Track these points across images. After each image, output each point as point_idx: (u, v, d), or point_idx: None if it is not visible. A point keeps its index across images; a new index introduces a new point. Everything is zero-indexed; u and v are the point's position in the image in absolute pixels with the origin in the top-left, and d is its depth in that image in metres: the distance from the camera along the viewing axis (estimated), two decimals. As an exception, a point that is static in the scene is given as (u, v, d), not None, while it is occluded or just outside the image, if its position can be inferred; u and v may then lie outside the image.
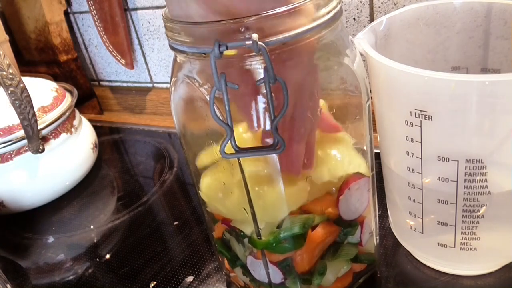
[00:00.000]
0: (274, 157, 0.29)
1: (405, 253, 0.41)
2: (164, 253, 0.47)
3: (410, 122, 0.31)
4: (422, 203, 0.35)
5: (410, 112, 0.31)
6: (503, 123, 0.30)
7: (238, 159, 0.29)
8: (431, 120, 0.30)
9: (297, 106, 0.27)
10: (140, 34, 0.76)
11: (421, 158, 0.33)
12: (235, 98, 0.27)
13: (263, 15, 0.25)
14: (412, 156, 0.33)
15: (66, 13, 0.81)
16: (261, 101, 0.27)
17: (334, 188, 0.33)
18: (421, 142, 0.32)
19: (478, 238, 0.34)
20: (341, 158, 0.33)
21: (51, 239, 0.53)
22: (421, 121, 0.31)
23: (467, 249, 0.35)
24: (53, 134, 0.57)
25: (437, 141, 0.32)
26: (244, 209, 0.31)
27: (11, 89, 0.49)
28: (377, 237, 0.38)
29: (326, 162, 0.32)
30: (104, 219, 0.55)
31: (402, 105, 0.32)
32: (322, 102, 0.31)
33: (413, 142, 0.32)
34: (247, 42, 0.24)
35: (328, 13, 0.28)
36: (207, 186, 0.34)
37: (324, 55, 0.29)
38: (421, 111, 0.30)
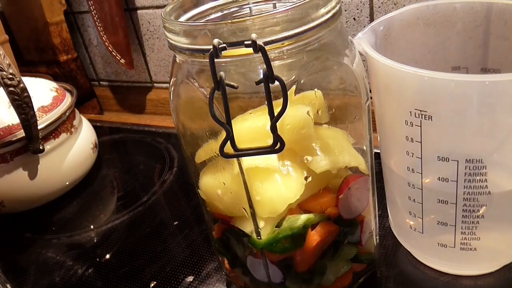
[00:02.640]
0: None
1: (405, 253, 0.41)
2: (164, 253, 0.47)
3: (410, 122, 0.31)
4: (422, 203, 0.35)
5: (410, 112, 0.31)
6: (503, 123, 0.30)
7: (238, 159, 0.29)
8: (431, 120, 0.30)
9: None
10: (140, 34, 0.76)
11: (421, 158, 0.33)
12: None
13: (262, 15, 0.25)
14: (412, 156, 0.33)
15: (66, 13, 0.81)
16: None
17: (333, 186, 0.33)
18: (421, 142, 0.32)
19: (478, 238, 0.34)
20: (341, 149, 0.33)
21: (51, 239, 0.53)
22: (421, 121, 0.31)
23: (467, 249, 0.35)
24: (53, 134, 0.57)
25: (437, 141, 0.32)
26: (244, 209, 0.31)
27: (11, 89, 0.49)
28: (377, 237, 0.38)
29: (326, 150, 0.32)
30: (104, 219, 0.55)
31: (402, 105, 0.32)
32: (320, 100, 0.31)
33: (413, 142, 0.32)
34: (246, 42, 0.24)
35: (327, 13, 0.28)
36: (206, 184, 0.34)
37: (324, 55, 0.29)
38: (421, 111, 0.30)
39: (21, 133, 0.53)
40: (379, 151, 0.39)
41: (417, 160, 0.33)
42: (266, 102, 0.25)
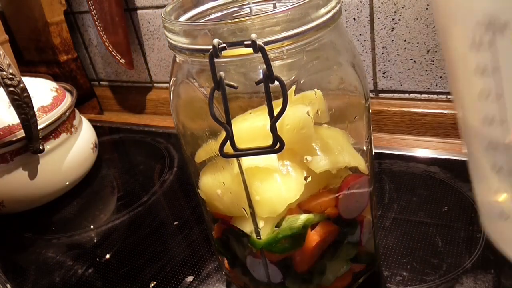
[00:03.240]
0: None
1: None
2: (164, 253, 0.47)
3: (477, 41, 0.20)
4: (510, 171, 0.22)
5: (476, 26, 0.19)
6: None
7: (237, 159, 0.29)
8: (503, 34, 0.19)
9: None
10: (140, 34, 0.76)
11: (501, 100, 0.21)
12: None
13: (262, 15, 0.25)
14: (488, 99, 0.21)
15: (66, 13, 0.81)
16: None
17: (332, 186, 0.33)
18: (495, 74, 0.20)
19: None
20: (341, 149, 0.33)
21: (51, 239, 0.53)
22: (491, 39, 0.19)
23: None
24: (53, 134, 0.57)
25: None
26: (243, 208, 0.31)
27: (11, 89, 0.49)
28: (377, 237, 0.38)
29: (325, 150, 0.32)
30: (104, 219, 0.55)
31: (464, 21, 0.20)
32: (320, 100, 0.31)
33: (484, 75, 0.20)
34: (246, 42, 0.24)
35: (327, 13, 0.28)
36: (205, 184, 0.34)
37: (324, 55, 0.29)
38: (488, 23, 0.19)
39: (21, 133, 0.53)
40: (379, 151, 0.38)
41: (494, 105, 0.21)
42: (266, 102, 0.26)
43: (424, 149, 0.55)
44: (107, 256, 0.49)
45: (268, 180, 0.31)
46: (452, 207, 0.45)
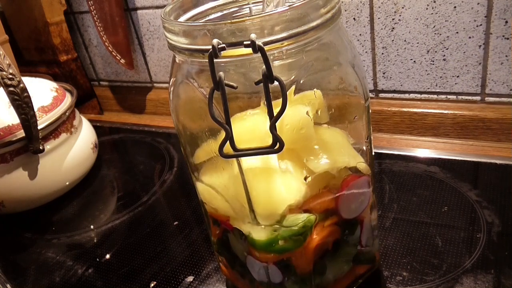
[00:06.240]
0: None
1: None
2: (164, 253, 0.47)
3: None
4: None
5: None
6: None
7: (237, 159, 0.29)
8: None
9: None
10: (140, 34, 0.76)
11: None
12: None
13: (262, 15, 0.25)
14: None
15: (66, 13, 0.81)
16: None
17: (332, 186, 0.33)
18: None
19: None
20: (341, 149, 0.33)
21: (51, 239, 0.53)
22: None
23: None
24: (53, 134, 0.57)
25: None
26: (243, 209, 0.31)
27: (11, 89, 0.49)
28: (377, 237, 0.38)
29: (325, 150, 0.32)
30: (104, 219, 0.55)
31: None
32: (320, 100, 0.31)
33: None
34: (245, 42, 0.24)
35: (326, 13, 0.28)
36: (205, 184, 0.34)
37: (323, 55, 0.29)
38: None
39: (21, 133, 0.53)
40: (379, 151, 0.38)
41: None
42: (265, 102, 0.25)
43: (424, 149, 0.55)
44: (107, 256, 0.49)
45: (268, 180, 0.31)
46: (452, 207, 0.45)
